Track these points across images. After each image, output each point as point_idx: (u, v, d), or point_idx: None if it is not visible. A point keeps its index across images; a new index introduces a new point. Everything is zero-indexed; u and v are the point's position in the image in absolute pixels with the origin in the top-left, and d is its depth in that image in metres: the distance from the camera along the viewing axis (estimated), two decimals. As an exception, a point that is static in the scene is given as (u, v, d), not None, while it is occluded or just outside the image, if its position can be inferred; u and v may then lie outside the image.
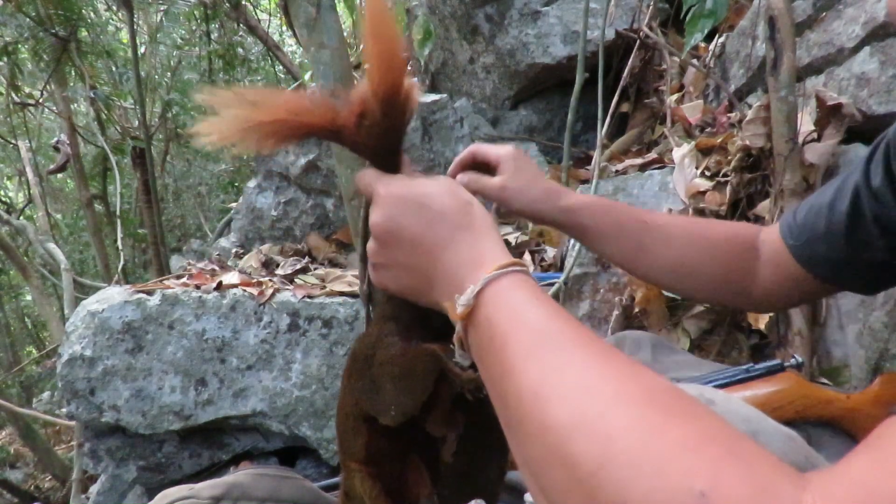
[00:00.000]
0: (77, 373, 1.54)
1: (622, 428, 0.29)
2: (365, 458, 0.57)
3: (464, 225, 0.47)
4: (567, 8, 2.11)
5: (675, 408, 0.30)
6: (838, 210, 0.64)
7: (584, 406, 0.31)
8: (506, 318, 0.40)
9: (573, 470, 0.30)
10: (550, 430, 0.32)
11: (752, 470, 0.26)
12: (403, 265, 0.49)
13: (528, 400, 0.34)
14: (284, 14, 3.17)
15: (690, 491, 0.25)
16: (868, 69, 1.24)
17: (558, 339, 0.37)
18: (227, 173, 5.57)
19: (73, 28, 3.61)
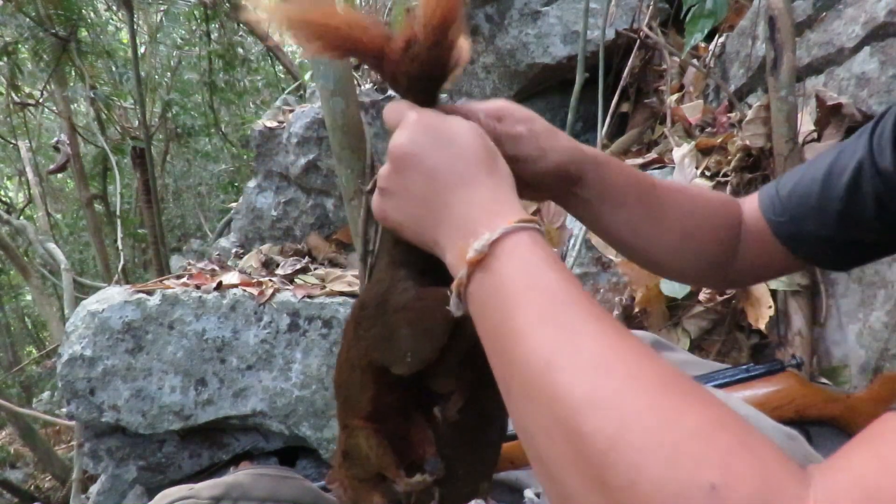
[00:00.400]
0: (77, 373, 1.54)
1: (638, 410, 0.29)
2: (370, 413, 0.55)
3: (488, 169, 0.45)
4: (567, 8, 2.11)
5: (689, 394, 0.29)
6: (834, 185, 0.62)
7: (600, 382, 0.30)
8: (522, 275, 0.38)
9: (582, 446, 0.29)
10: (562, 400, 0.31)
11: (761, 463, 0.26)
12: (413, 195, 0.46)
13: (537, 366, 0.33)
14: (284, 14, 3.16)
15: (701, 483, 0.25)
16: (868, 69, 1.24)
17: (575, 307, 0.35)
18: (227, 173, 5.57)
19: (73, 28, 3.61)
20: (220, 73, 4.36)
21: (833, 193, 0.62)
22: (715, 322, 1.34)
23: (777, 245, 0.66)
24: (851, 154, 0.61)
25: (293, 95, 3.25)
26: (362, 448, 0.56)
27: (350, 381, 0.56)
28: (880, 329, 1.14)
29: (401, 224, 0.49)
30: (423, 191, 0.46)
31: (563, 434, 0.30)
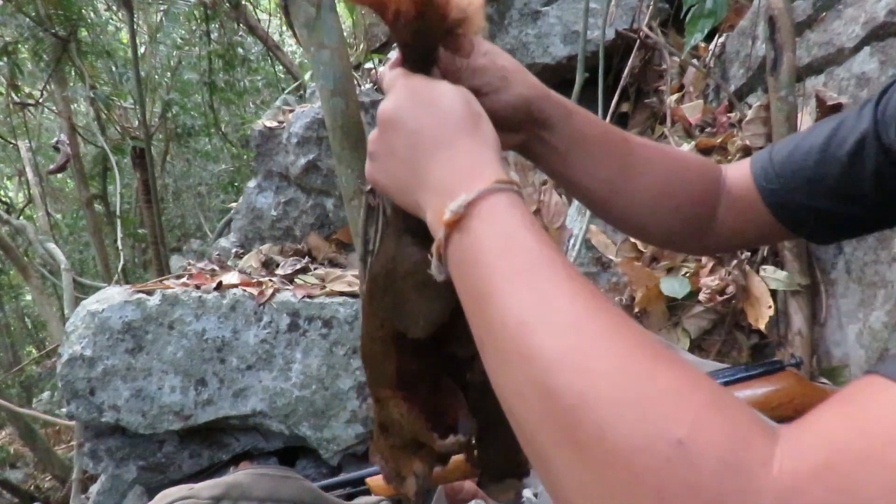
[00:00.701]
0: (77, 373, 1.54)
1: (610, 367, 0.29)
2: (397, 382, 0.56)
3: (469, 131, 0.45)
4: (567, 8, 2.11)
5: (662, 354, 0.30)
6: (833, 156, 0.60)
7: (573, 340, 0.31)
8: (498, 236, 0.38)
9: (553, 402, 0.30)
10: (534, 359, 0.31)
11: (730, 422, 0.26)
12: (399, 157, 0.47)
13: (512, 325, 0.33)
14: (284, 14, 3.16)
15: (669, 437, 0.25)
16: (868, 69, 1.24)
17: (550, 268, 0.35)
18: (227, 173, 5.57)
19: (73, 28, 3.61)
20: (220, 73, 4.36)
21: (831, 164, 0.61)
22: (715, 322, 1.34)
23: (764, 212, 0.65)
24: (853, 126, 0.60)
25: (293, 95, 3.25)
26: (394, 417, 0.57)
27: (373, 353, 0.57)
28: (880, 329, 1.14)
29: (387, 187, 0.49)
30: (406, 153, 0.46)
31: (534, 393, 0.31)
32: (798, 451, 0.25)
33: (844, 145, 0.60)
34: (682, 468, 0.25)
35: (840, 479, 0.23)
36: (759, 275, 1.28)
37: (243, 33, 4.45)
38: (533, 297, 0.34)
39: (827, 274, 1.23)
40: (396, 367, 0.56)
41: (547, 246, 0.37)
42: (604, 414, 0.27)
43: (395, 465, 0.60)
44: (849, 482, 0.23)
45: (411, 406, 0.56)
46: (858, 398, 0.26)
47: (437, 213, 0.42)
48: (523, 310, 0.34)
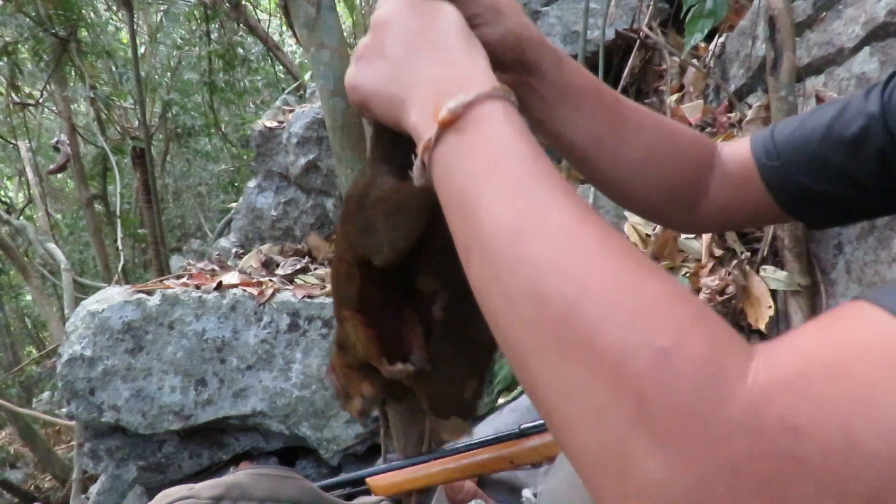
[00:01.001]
0: (77, 373, 1.54)
1: (600, 275, 0.30)
2: (358, 304, 0.58)
3: (466, 40, 0.45)
4: (567, 8, 2.11)
5: (651, 267, 0.30)
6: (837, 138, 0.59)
7: (567, 247, 0.31)
8: (496, 141, 0.38)
9: (544, 308, 0.30)
10: (528, 265, 0.32)
11: (712, 335, 0.27)
12: (389, 56, 0.46)
13: (506, 232, 0.33)
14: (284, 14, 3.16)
15: (654, 345, 0.26)
16: (868, 69, 1.24)
17: (546, 177, 0.35)
18: (227, 173, 5.57)
19: (73, 28, 3.62)
20: (220, 73, 4.36)
21: (834, 145, 0.60)
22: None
23: (760, 190, 0.64)
24: (858, 109, 0.59)
25: (293, 95, 3.25)
26: (351, 337, 0.59)
27: (339, 273, 0.59)
28: (880, 329, 1.13)
29: (369, 90, 0.48)
30: (399, 52, 0.46)
31: (523, 298, 0.31)
32: (773, 362, 0.26)
33: (850, 127, 0.59)
34: (664, 374, 0.26)
35: (809, 388, 0.24)
36: (759, 275, 1.28)
37: (243, 33, 4.45)
38: (528, 204, 0.34)
39: (827, 274, 1.23)
40: (359, 290, 0.57)
41: (543, 158, 0.37)
42: (594, 319, 0.28)
43: (346, 383, 0.62)
44: (817, 391, 0.24)
45: (367, 329, 0.58)
46: (838, 319, 0.27)
47: (430, 110, 0.41)
48: (518, 215, 0.34)
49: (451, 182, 0.39)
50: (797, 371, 0.25)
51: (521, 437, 0.80)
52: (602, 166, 0.63)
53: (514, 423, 0.91)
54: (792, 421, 0.24)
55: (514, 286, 0.32)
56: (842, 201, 0.61)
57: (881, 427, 0.23)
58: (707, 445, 0.24)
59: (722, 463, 0.24)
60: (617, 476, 0.26)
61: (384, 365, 0.57)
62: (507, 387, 1.48)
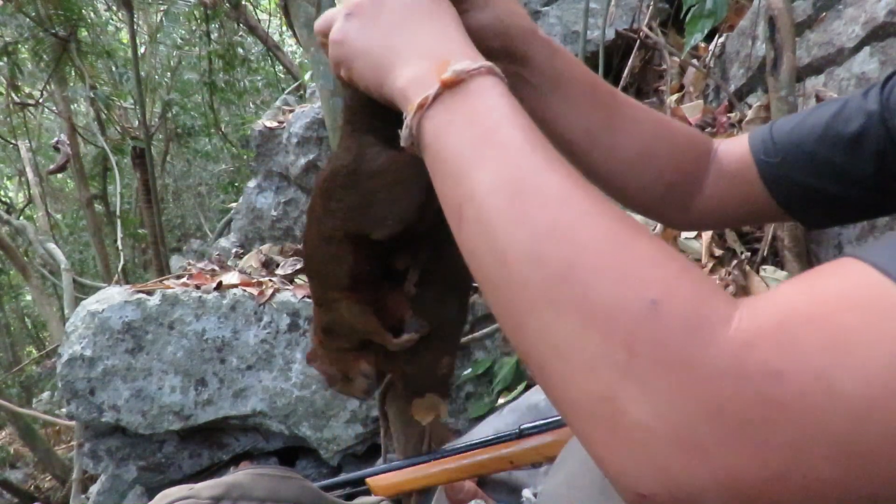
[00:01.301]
0: (77, 373, 1.54)
1: (594, 237, 0.31)
2: (349, 284, 0.57)
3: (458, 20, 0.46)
4: (567, 8, 2.11)
5: (640, 229, 0.32)
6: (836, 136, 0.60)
7: (562, 211, 0.33)
8: (496, 110, 0.39)
9: (540, 268, 0.31)
10: (524, 226, 0.33)
11: (698, 287, 0.29)
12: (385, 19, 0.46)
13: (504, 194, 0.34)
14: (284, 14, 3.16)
15: (644, 298, 0.28)
16: (868, 69, 1.24)
17: (543, 146, 0.37)
18: (227, 173, 5.57)
19: (73, 28, 3.62)
20: (220, 73, 4.36)
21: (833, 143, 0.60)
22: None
23: (758, 187, 0.64)
24: (857, 108, 0.59)
25: (293, 95, 3.25)
26: (345, 317, 0.58)
27: (325, 254, 0.57)
28: (880, 329, 1.13)
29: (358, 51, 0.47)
30: (397, 15, 0.46)
31: (519, 258, 0.32)
32: (756, 312, 0.27)
33: (848, 126, 0.59)
34: (653, 325, 0.27)
35: (790, 334, 0.25)
36: (759, 275, 1.28)
37: (243, 33, 4.45)
38: (525, 168, 0.35)
39: (827, 274, 1.23)
40: (350, 269, 0.56)
41: (536, 130, 0.38)
42: (588, 278, 0.30)
43: (342, 367, 0.62)
44: (797, 338, 0.25)
45: (363, 307, 0.57)
46: (822, 273, 0.28)
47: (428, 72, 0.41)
48: (516, 179, 0.35)
49: (445, 143, 0.39)
50: (779, 319, 0.26)
51: (521, 438, 0.80)
52: (596, 160, 0.63)
53: (514, 423, 0.91)
54: (773, 366, 0.25)
55: (509, 246, 0.33)
56: (840, 200, 0.61)
57: (857, 370, 0.24)
58: (692, 390, 0.26)
59: (706, 406, 0.25)
60: (608, 425, 0.28)
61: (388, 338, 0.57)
62: (507, 387, 1.48)
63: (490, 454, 0.81)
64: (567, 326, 0.30)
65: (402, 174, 0.51)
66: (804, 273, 0.30)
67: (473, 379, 1.55)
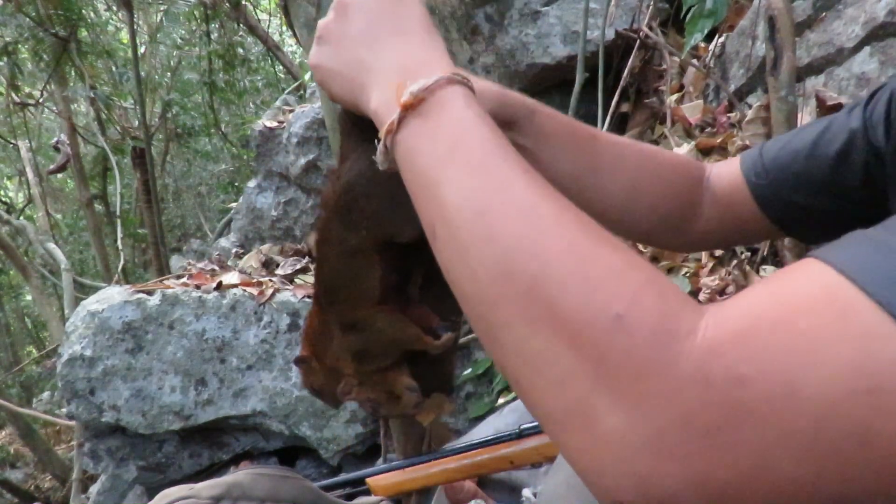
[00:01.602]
0: (77, 373, 1.54)
1: (560, 250, 0.32)
2: (381, 295, 0.56)
3: (426, 28, 0.46)
4: (567, 8, 2.11)
5: (606, 238, 0.33)
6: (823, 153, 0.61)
7: (528, 226, 0.33)
8: (457, 124, 0.39)
9: (509, 283, 0.32)
10: (492, 243, 0.33)
11: (663, 298, 0.29)
12: (351, 38, 0.47)
13: (470, 211, 0.35)
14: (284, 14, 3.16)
15: (610, 312, 0.28)
16: (868, 69, 1.24)
17: (505, 158, 0.37)
18: (227, 173, 5.57)
19: (73, 28, 3.62)
20: (220, 73, 4.36)
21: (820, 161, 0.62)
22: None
23: (752, 208, 0.66)
24: (842, 125, 0.61)
25: (293, 95, 3.25)
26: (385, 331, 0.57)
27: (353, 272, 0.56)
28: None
29: (332, 73, 0.48)
30: (362, 33, 0.47)
31: (489, 274, 0.33)
32: (721, 319, 0.28)
33: (833, 144, 0.61)
34: (620, 338, 0.28)
35: (754, 342, 0.26)
36: (759, 275, 1.28)
37: (243, 33, 4.45)
38: (490, 183, 0.36)
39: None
40: (381, 278, 0.55)
41: (501, 138, 0.38)
42: (555, 292, 0.30)
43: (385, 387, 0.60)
44: (761, 344, 0.26)
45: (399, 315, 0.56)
46: (785, 276, 0.29)
47: (392, 94, 0.41)
48: (481, 196, 0.35)
49: (414, 165, 0.40)
50: (743, 325, 0.27)
51: (521, 438, 0.80)
52: (587, 202, 0.65)
53: (514, 423, 0.91)
54: (737, 372, 0.25)
55: (479, 264, 0.34)
56: (831, 215, 0.63)
57: (818, 372, 0.24)
58: (661, 399, 0.26)
59: (675, 414, 0.26)
60: (583, 434, 0.28)
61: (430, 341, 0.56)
62: (506, 387, 1.48)
63: (490, 454, 0.81)
64: (538, 340, 0.30)
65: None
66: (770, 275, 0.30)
67: (473, 379, 1.55)
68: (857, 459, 0.24)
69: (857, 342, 0.24)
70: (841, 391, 0.24)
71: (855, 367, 0.24)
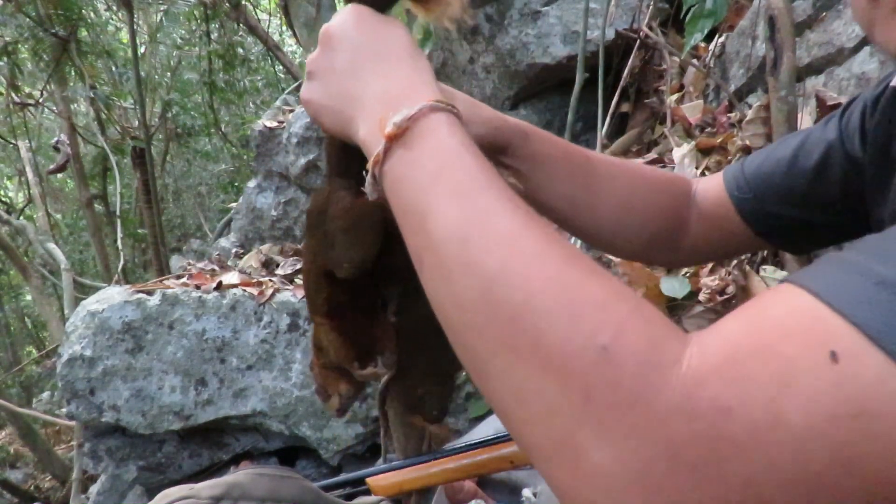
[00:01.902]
0: (77, 373, 1.54)
1: (545, 280, 0.31)
2: (328, 311, 0.60)
3: (411, 55, 0.47)
4: (567, 8, 2.11)
5: (591, 267, 0.32)
6: (802, 165, 0.63)
7: (511, 256, 0.33)
8: (440, 153, 0.39)
9: (494, 313, 0.32)
10: (476, 273, 0.33)
11: (649, 328, 0.29)
12: (337, 72, 0.48)
13: (454, 240, 0.35)
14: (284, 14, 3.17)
15: (596, 344, 0.28)
16: (868, 69, 1.24)
17: (490, 188, 0.37)
18: (227, 173, 5.57)
19: (73, 28, 3.62)
20: (220, 73, 4.36)
21: (800, 173, 0.63)
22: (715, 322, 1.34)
23: (738, 222, 0.67)
24: (819, 138, 0.63)
25: (293, 95, 3.25)
26: (323, 341, 0.61)
27: (308, 281, 0.61)
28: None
29: (322, 107, 0.49)
30: (347, 65, 0.47)
31: (473, 305, 0.33)
32: (704, 350, 0.27)
33: (812, 156, 0.62)
34: (607, 370, 0.27)
35: (737, 370, 0.26)
36: (759, 275, 1.28)
37: (243, 33, 4.45)
38: (474, 212, 0.35)
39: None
40: (326, 299, 0.59)
41: (487, 166, 0.38)
42: (539, 323, 0.30)
43: (325, 383, 0.65)
44: (744, 373, 0.26)
45: (337, 335, 0.60)
46: (763, 303, 0.29)
47: (377, 125, 0.42)
48: (465, 224, 0.35)
49: (401, 194, 0.40)
50: (726, 355, 0.27)
51: (521, 437, 0.79)
52: (581, 222, 0.67)
53: (514, 423, 0.91)
54: (722, 403, 0.25)
55: (464, 294, 0.33)
56: (814, 226, 0.64)
57: (803, 400, 0.24)
58: (648, 432, 0.26)
59: (662, 447, 0.26)
60: (569, 467, 0.28)
61: (355, 369, 0.59)
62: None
63: (490, 454, 0.81)
64: (524, 373, 0.30)
65: (357, 220, 0.53)
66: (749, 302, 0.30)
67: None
68: (847, 486, 0.24)
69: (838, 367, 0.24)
70: (824, 417, 0.24)
71: (837, 392, 0.24)
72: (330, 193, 0.55)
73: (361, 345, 0.60)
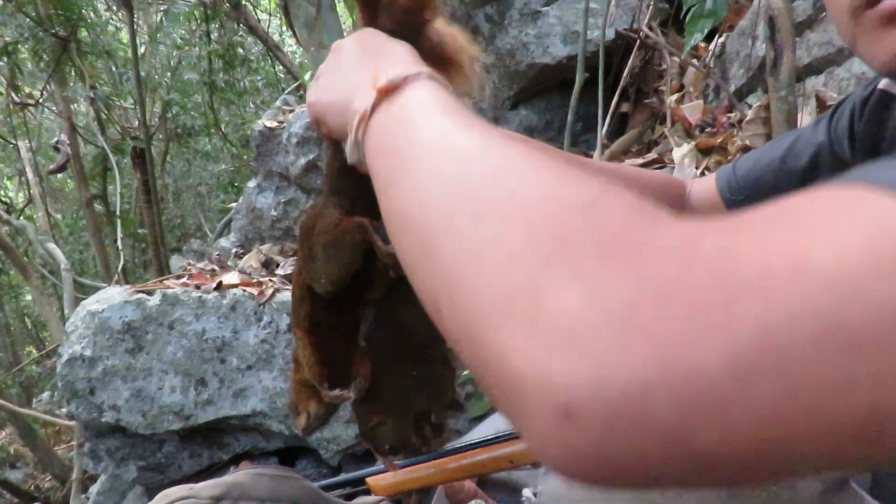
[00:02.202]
0: (77, 373, 1.54)
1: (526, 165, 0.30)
2: (308, 326, 0.61)
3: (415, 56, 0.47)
4: (567, 8, 2.11)
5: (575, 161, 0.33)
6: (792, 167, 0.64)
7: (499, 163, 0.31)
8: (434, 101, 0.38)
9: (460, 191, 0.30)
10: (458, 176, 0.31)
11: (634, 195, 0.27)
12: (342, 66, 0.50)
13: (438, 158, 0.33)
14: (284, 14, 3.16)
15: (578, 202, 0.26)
16: (868, 69, 1.24)
17: (478, 126, 0.35)
18: (227, 173, 5.57)
19: (73, 28, 3.62)
20: (220, 73, 4.36)
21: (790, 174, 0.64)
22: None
23: None
24: (809, 139, 0.64)
25: (293, 95, 3.25)
26: (300, 357, 0.62)
27: (293, 294, 0.62)
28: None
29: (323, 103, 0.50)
30: (351, 62, 0.49)
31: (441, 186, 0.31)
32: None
33: (801, 158, 0.64)
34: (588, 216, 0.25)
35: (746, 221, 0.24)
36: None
37: (243, 33, 4.45)
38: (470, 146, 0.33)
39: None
40: (308, 313, 0.60)
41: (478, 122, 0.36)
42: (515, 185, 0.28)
43: (297, 398, 0.65)
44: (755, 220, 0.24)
45: (313, 352, 0.60)
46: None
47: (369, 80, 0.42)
48: (452, 162, 0.33)
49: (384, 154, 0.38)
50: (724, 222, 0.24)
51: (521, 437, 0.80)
52: None
53: (514, 423, 0.91)
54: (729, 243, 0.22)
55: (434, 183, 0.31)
56: None
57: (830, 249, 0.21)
58: (635, 268, 0.22)
59: (652, 284, 0.22)
60: (525, 320, 0.23)
61: (324, 389, 0.60)
62: (507, 387, 1.48)
63: (490, 454, 0.81)
64: (487, 228, 0.26)
65: (339, 238, 0.54)
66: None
67: (473, 379, 1.55)
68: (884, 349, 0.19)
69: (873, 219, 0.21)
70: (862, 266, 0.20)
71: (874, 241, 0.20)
72: (321, 209, 0.57)
73: (335, 366, 0.60)
